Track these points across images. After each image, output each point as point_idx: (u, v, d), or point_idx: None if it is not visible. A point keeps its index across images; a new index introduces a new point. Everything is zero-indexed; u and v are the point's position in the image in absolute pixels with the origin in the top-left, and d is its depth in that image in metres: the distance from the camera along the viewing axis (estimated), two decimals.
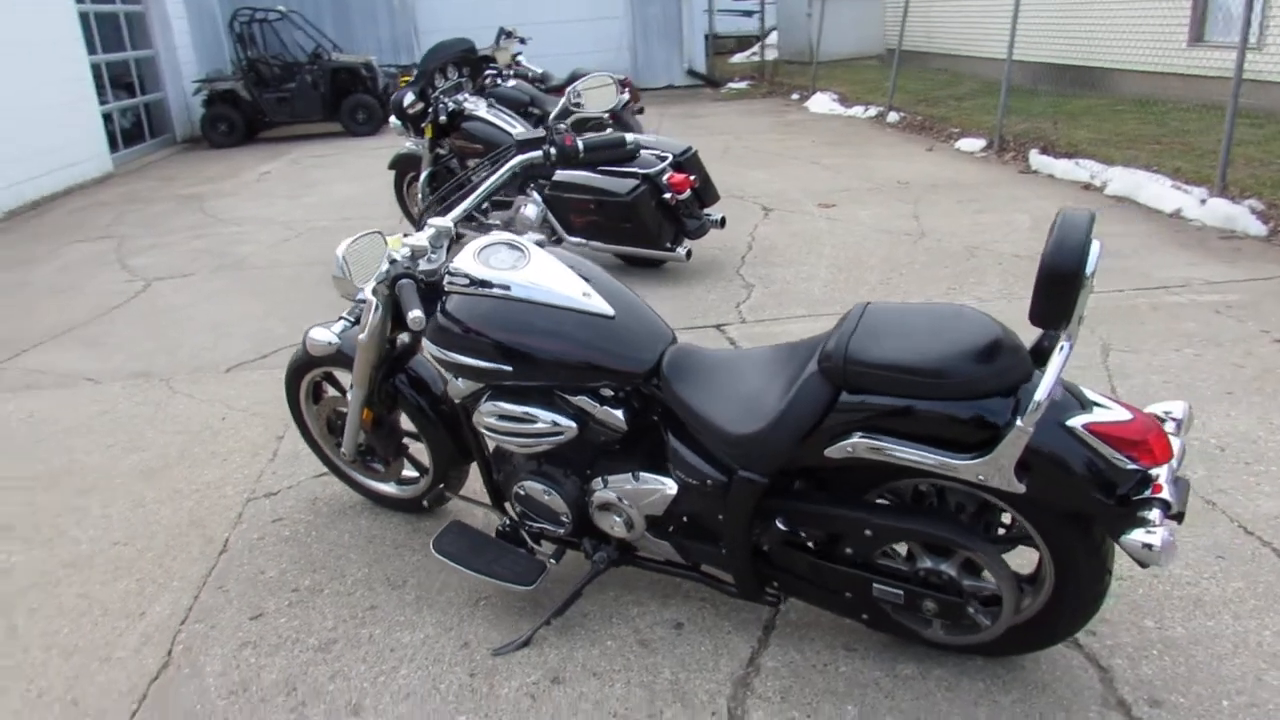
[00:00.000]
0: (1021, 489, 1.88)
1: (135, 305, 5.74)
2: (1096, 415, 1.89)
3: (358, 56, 13.47)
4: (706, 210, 5.66)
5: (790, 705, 2.20)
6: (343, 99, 12.92)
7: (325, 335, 2.57)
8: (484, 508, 2.84)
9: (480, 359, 2.34)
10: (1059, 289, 1.75)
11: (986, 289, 4.99)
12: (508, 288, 2.33)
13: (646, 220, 5.31)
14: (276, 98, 12.78)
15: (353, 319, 2.63)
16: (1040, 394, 1.79)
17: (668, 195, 5.34)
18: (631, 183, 5.31)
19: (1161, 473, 1.89)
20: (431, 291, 2.46)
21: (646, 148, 5.52)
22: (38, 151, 9.53)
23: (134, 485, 3.44)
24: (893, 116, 11.25)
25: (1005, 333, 1.94)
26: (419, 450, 2.97)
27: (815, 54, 14.56)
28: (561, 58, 12.87)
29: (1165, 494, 1.85)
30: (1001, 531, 2.19)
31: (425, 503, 3.03)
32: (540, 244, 2.54)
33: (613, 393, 2.35)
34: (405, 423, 2.95)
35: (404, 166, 6.54)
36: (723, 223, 5.64)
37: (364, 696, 2.31)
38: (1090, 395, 1.96)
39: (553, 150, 2.70)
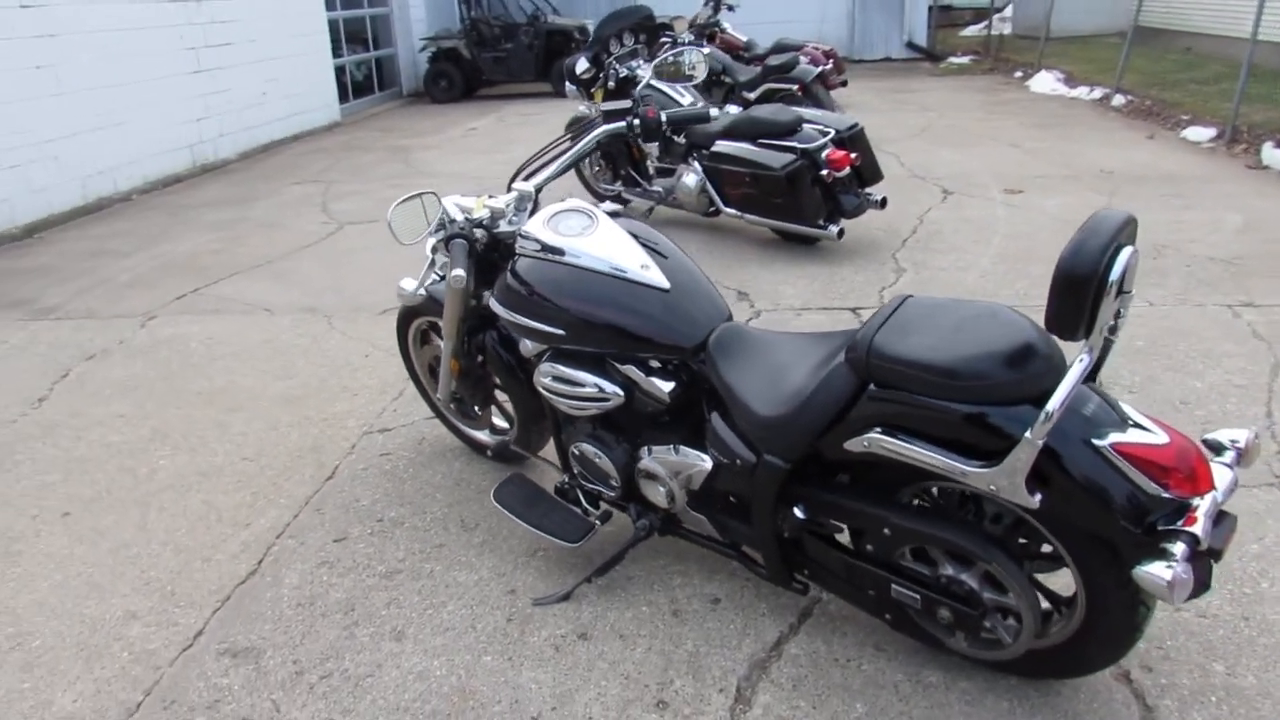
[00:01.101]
0: (1034, 504, 1.78)
1: (324, 245, 6.23)
2: (1129, 435, 1.75)
3: (573, 20, 13.82)
4: (868, 190, 5.50)
5: (800, 694, 2.18)
6: (554, 61, 13.32)
7: (410, 285, 2.73)
8: (554, 466, 2.94)
9: (538, 321, 2.43)
10: (1073, 294, 1.63)
11: (1161, 292, 4.60)
12: (570, 254, 2.40)
13: (799, 196, 5.23)
14: (494, 57, 13.36)
15: (441, 273, 2.79)
16: (1051, 405, 1.68)
17: (825, 172, 5.23)
18: (788, 157, 5.24)
19: (1201, 504, 1.74)
20: (505, 254, 2.57)
21: (810, 122, 5.42)
22: (275, 99, 10.45)
23: (274, 409, 3.79)
24: (1118, 99, 10.42)
25: (1040, 338, 1.83)
26: (508, 402, 3.11)
27: (1046, 28, 13.65)
28: (776, 26, 12.73)
29: (1197, 528, 1.69)
30: (1047, 549, 2.06)
31: (489, 453, 3.17)
32: (614, 214, 2.59)
33: (660, 365, 2.38)
34: None
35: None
36: (883, 203, 5.47)
37: (409, 625, 2.48)
38: (1133, 414, 1.82)
39: (636, 121, 2.73)
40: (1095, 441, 1.75)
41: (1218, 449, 1.90)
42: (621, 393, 2.40)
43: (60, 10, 7.27)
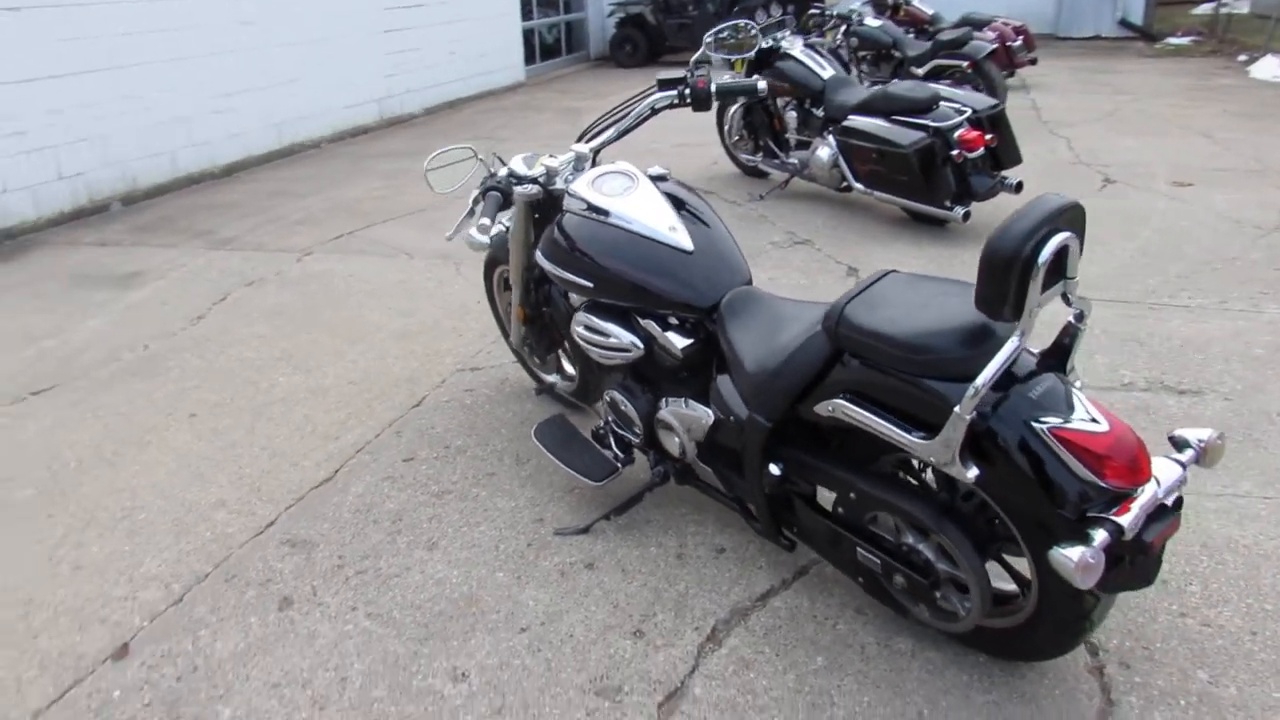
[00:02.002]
0: (969, 478, 1.83)
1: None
2: (1069, 421, 1.77)
3: None
4: (1004, 173, 5.35)
5: (768, 642, 2.30)
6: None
7: (480, 235, 2.98)
8: (595, 413, 3.13)
9: (571, 273, 2.62)
10: (996, 274, 1.67)
11: None
12: (606, 212, 2.58)
13: (926, 175, 5.16)
14: (678, 23, 13.53)
15: (506, 225, 3.02)
16: (979, 380, 1.73)
17: (956, 152, 5.13)
18: (918, 135, 5.17)
19: (1139, 496, 1.74)
20: (556, 209, 2.78)
21: (948, 100, 5.31)
22: (462, 59, 11.05)
23: (388, 342, 4.17)
24: None
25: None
26: None
27: None
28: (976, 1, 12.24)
29: (1125, 518, 1.70)
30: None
31: (535, 392, 3.40)
32: (660, 178, 2.73)
33: (678, 322, 2.52)
34: None
35: (727, 100, 6.81)
36: (1018, 187, 5.30)
37: (443, 538, 2.76)
38: (1083, 404, 1.83)
39: (687, 91, 2.85)
40: (1034, 424, 1.78)
41: (1180, 445, 1.88)
42: (642, 345, 2.56)
43: None
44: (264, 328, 4.40)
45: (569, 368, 3.47)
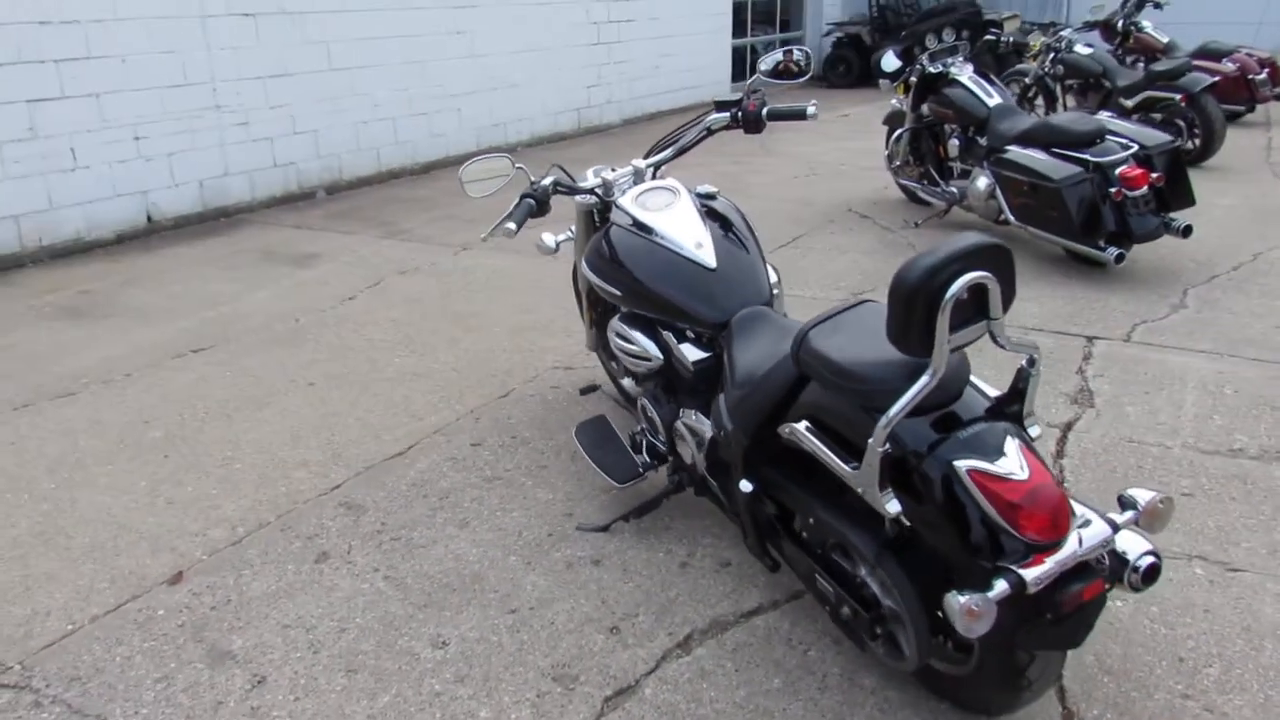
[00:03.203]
0: (890, 512, 1.81)
1: None
2: (992, 464, 1.72)
3: (993, 12, 13.27)
4: (1171, 215, 4.98)
5: (735, 657, 2.33)
6: (1003, 53, 12.89)
7: (549, 240, 3.16)
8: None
9: (605, 280, 2.75)
10: (901, 308, 1.65)
11: None
12: (641, 225, 2.69)
13: (1075, 212, 4.89)
14: None
15: (572, 233, 3.18)
16: (889, 413, 1.71)
17: (1114, 189, 4.83)
18: (1073, 169, 4.91)
19: (1059, 552, 1.67)
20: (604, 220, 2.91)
21: (1115, 134, 5.01)
22: (668, 73, 11.36)
23: (501, 335, 4.45)
24: None
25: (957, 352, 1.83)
26: None
27: None
28: (1206, 28, 11.29)
29: (1032, 571, 1.64)
30: None
31: (581, 392, 3.51)
32: (709, 196, 2.81)
33: (695, 336, 2.59)
34: None
35: (895, 123, 6.68)
36: (1186, 231, 4.91)
37: (476, 519, 2.96)
38: (1014, 449, 1.76)
39: (739, 113, 2.90)
40: (955, 463, 1.74)
41: (1125, 505, 1.78)
42: (661, 356, 2.65)
43: None
44: (399, 312, 4.79)
45: None
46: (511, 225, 2.73)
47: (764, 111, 2.93)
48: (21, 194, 5.74)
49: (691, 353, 2.56)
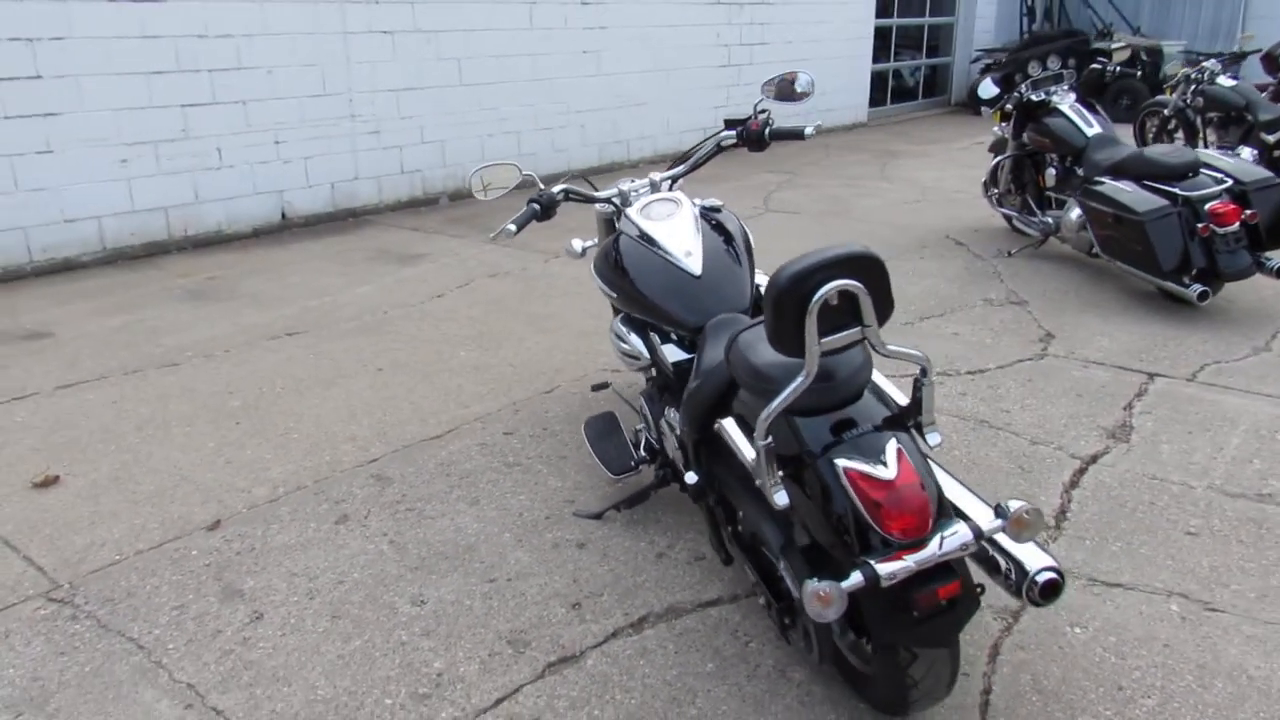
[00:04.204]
0: (778, 504, 1.92)
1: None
2: (866, 464, 1.81)
3: (1145, 41, 12.73)
4: (1267, 254, 4.76)
5: (678, 640, 2.47)
6: (1107, 85, 12.43)
7: (576, 245, 3.38)
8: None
9: (604, 282, 2.94)
10: (772, 309, 1.77)
11: None
12: (641, 232, 2.87)
13: (1158, 246, 4.74)
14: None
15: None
16: (766, 410, 1.83)
17: (1202, 225, 4.67)
18: (1159, 203, 4.78)
19: (919, 552, 1.75)
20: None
21: (1210, 168, 4.84)
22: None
23: (563, 336, 4.70)
24: None
25: (844, 362, 1.93)
26: None
27: None
28: None
29: (887, 565, 1.73)
30: None
31: (592, 389, 3.67)
32: (713, 209, 2.97)
33: (678, 339, 2.75)
34: None
35: (999, 150, 6.59)
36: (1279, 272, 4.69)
37: (485, 498, 3.20)
38: (891, 452, 1.84)
39: (744, 131, 3.03)
40: (836, 460, 1.85)
41: (999, 513, 1.83)
42: (648, 356, 2.82)
43: (613, 8, 8.95)
44: (478, 311, 5.11)
45: None
46: (511, 227, 2.96)
47: (766, 132, 3.05)
48: (172, 188, 6.42)
49: (672, 353, 2.72)
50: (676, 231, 2.82)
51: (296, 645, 2.48)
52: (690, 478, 2.43)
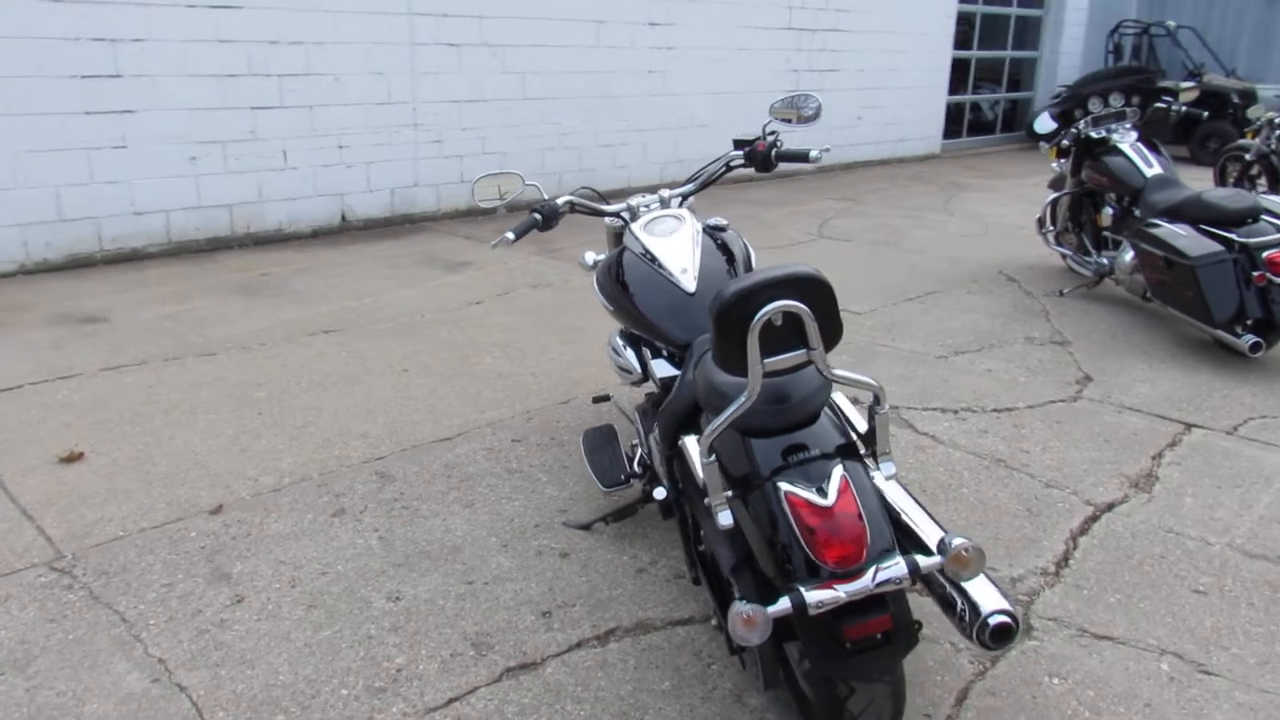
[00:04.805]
0: (722, 524, 1.90)
1: (785, 250, 6.99)
2: (806, 490, 1.79)
3: (1239, 83, 12.32)
4: None
5: (639, 656, 2.46)
6: (1197, 124, 12.07)
7: (589, 258, 3.40)
8: None
9: (604, 295, 2.96)
10: (717, 329, 1.75)
11: None
12: (642, 248, 2.88)
13: (1209, 293, 4.57)
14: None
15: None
16: (708, 429, 1.82)
17: (1258, 273, 4.49)
18: (1213, 248, 4.61)
19: (851, 583, 1.72)
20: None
21: (1271, 214, 4.66)
22: (869, 125, 11.34)
23: (590, 349, 4.72)
24: None
25: (795, 385, 1.91)
26: None
27: None
28: None
29: (815, 593, 1.70)
30: None
31: (593, 400, 3.66)
32: (718, 228, 2.97)
33: (668, 355, 2.75)
34: None
35: (1058, 187, 6.44)
36: None
37: (480, 503, 3.23)
38: (834, 481, 1.81)
39: (750, 152, 3.02)
40: (780, 484, 1.82)
41: (940, 548, 1.78)
42: (639, 370, 2.82)
43: (681, 29, 9.01)
44: (512, 320, 5.18)
45: None
46: (510, 235, 3.00)
47: (773, 153, 3.04)
48: (238, 187, 6.65)
49: (662, 369, 2.72)
50: (674, 248, 2.82)
51: (269, 631, 2.54)
52: (659, 493, 2.42)
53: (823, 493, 1.78)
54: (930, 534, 1.95)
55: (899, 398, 4.17)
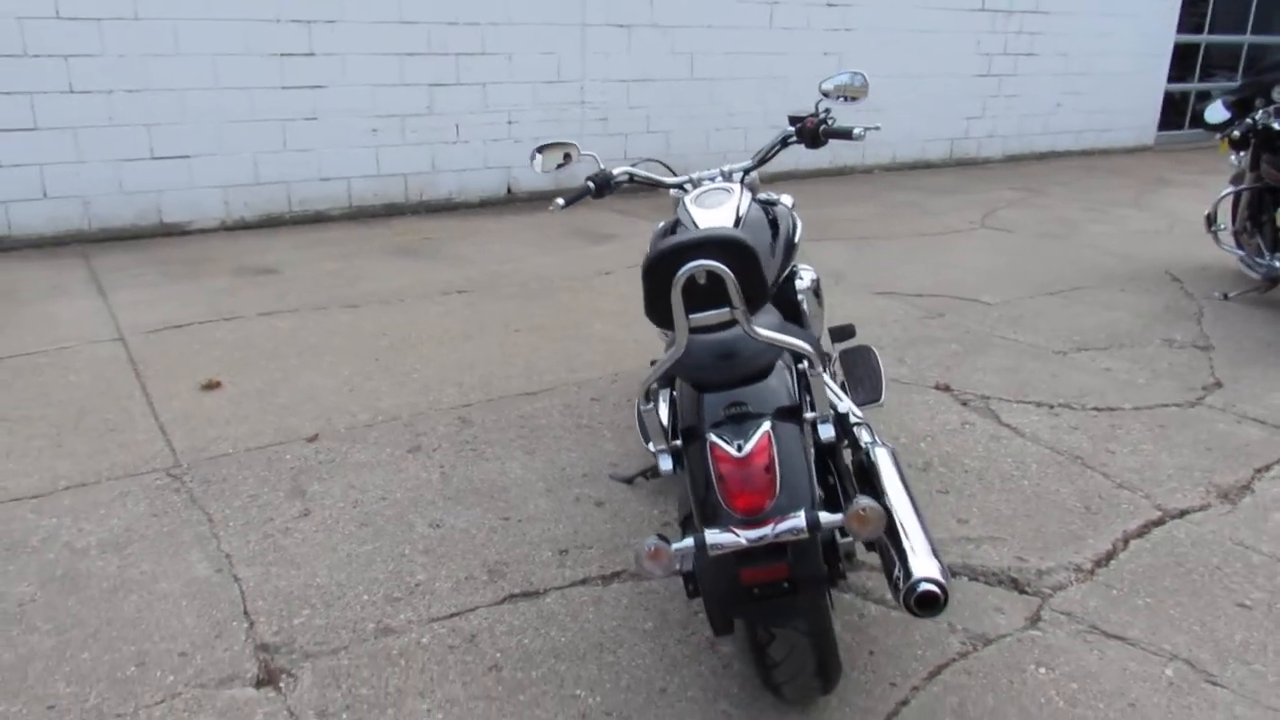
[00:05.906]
0: (663, 469, 2.03)
1: (941, 238, 6.82)
2: (727, 441, 1.89)
3: None
4: None
5: (631, 598, 2.61)
6: None
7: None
8: None
9: None
10: (644, 281, 1.87)
11: None
12: (686, 218, 3.00)
13: None
14: None
15: None
16: (645, 377, 1.95)
17: None
18: None
19: (751, 530, 1.81)
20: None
21: None
22: (1076, 112, 10.72)
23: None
24: None
25: (739, 343, 2.01)
26: None
27: None
28: None
29: (716, 535, 1.81)
30: None
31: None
32: (770, 201, 3.05)
33: None
34: None
35: (1239, 183, 5.93)
36: None
37: (541, 450, 3.46)
38: (756, 436, 1.89)
39: (801, 128, 3.05)
40: (708, 434, 1.93)
41: (844, 506, 1.84)
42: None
43: (860, 10, 8.88)
44: (634, 290, 5.39)
45: None
46: (560, 201, 3.18)
47: (820, 130, 3.06)
48: (413, 158, 7.22)
49: None
50: (714, 218, 2.92)
51: (321, 541, 2.88)
52: (650, 446, 2.55)
53: (740, 447, 1.87)
54: (903, 511, 1.97)
55: (993, 388, 4.07)
